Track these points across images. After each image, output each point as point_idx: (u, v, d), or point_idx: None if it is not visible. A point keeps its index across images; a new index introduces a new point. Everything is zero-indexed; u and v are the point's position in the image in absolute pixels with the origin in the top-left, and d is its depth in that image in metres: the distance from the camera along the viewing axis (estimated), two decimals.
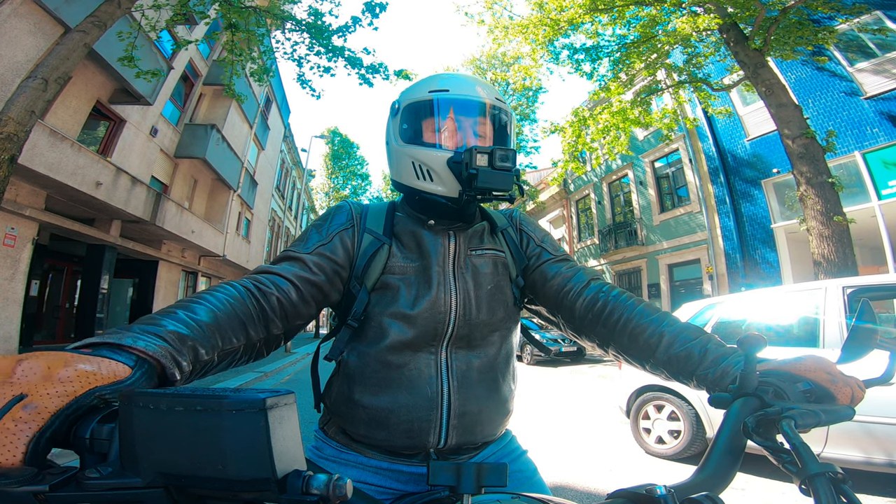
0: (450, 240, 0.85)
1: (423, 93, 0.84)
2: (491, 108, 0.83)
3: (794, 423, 0.49)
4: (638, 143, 14.58)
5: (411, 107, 0.85)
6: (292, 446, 0.31)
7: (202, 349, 0.55)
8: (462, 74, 0.89)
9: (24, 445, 0.33)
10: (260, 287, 0.71)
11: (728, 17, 7.04)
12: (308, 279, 0.76)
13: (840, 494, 0.44)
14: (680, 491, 0.48)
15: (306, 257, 0.78)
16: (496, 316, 0.84)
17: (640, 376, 4.13)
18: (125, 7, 5.66)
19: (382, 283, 0.81)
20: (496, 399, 0.84)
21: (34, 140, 6.70)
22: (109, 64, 8.10)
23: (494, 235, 0.92)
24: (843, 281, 3.24)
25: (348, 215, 0.86)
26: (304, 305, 0.76)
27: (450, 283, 0.82)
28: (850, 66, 9.35)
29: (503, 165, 0.75)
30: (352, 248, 0.83)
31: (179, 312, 0.56)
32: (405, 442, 0.78)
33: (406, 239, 0.85)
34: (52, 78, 4.84)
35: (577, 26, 8.51)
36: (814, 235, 5.90)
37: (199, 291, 0.65)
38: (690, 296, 13.19)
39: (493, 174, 0.75)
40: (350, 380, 0.81)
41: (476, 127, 0.83)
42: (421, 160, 0.81)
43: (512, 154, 0.76)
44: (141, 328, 0.50)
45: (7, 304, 7.41)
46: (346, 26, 7.73)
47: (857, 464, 2.72)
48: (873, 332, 0.64)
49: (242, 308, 0.66)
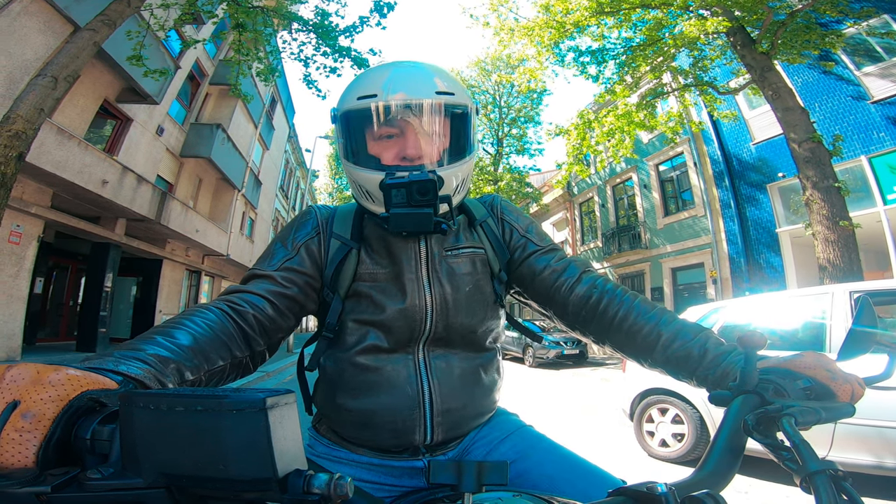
0: (421, 243, 0.80)
1: (352, 100, 0.75)
2: (432, 106, 0.73)
3: (794, 420, 0.49)
4: (642, 146, 14.54)
5: (343, 117, 0.78)
6: (293, 446, 0.31)
7: (186, 371, 0.55)
8: (398, 65, 0.78)
9: (33, 455, 0.33)
10: (234, 307, 0.69)
11: (735, 21, 7.01)
12: (281, 293, 0.74)
13: (840, 492, 0.44)
14: (681, 489, 0.48)
15: (274, 274, 0.76)
16: (476, 317, 0.81)
17: (643, 379, 4.08)
18: (135, 6, 5.71)
19: (354, 291, 0.79)
20: (480, 393, 0.82)
21: (41, 138, 6.75)
22: (117, 63, 8.18)
23: (473, 230, 0.86)
24: (849, 286, 3.22)
25: (314, 223, 0.83)
26: (283, 318, 0.75)
27: (424, 290, 0.78)
28: (858, 70, 9.29)
29: (422, 200, 0.68)
30: (319, 257, 0.80)
31: (158, 338, 0.56)
32: (392, 441, 0.78)
33: (375, 244, 0.81)
34: (62, 76, 4.88)
35: (583, 29, 8.50)
36: (819, 240, 5.86)
37: (174, 317, 0.64)
38: (694, 300, 13.11)
39: (406, 217, 0.69)
40: (331, 384, 0.80)
41: (413, 134, 0.74)
42: (358, 181, 0.77)
43: (431, 184, 0.68)
44: (121, 353, 0.49)
45: (11, 301, 7.46)
46: (353, 26, 7.76)
47: (866, 468, 2.69)
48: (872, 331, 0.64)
49: (221, 329, 0.65)
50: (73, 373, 0.37)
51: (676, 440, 3.74)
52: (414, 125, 0.74)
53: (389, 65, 0.80)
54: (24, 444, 0.33)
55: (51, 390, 0.35)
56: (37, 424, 0.34)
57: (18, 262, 7.59)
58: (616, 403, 4.75)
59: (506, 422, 0.87)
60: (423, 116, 0.73)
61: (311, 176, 25.30)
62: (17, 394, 0.34)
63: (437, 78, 0.76)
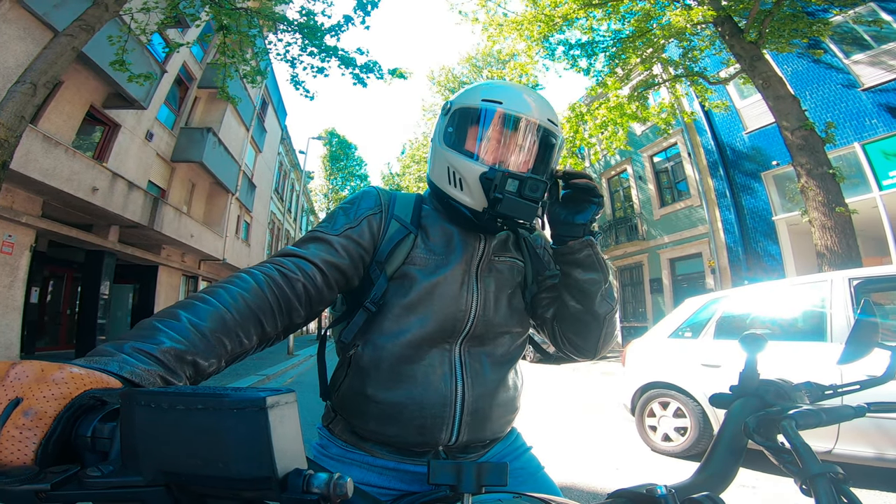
0: (480, 241, 0.86)
1: (475, 100, 0.82)
2: (538, 129, 0.80)
3: (794, 423, 0.49)
4: (636, 137, 14.58)
5: (460, 111, 0.83)
6: (293, 445, 0.31)
7: (204, 361, 0.53)
8: (521, 87, 0.86)
9: (32, 453, 0.33)
10: (285, 273, 0.69)
11: (722, 10, 7.03)
12: (334, 263, 0.75)
13: (841, 495, 0.45)
14: (681, 491, 0.48)
15: (334, 239, 0.77)
16: (511, 319, 0.86)
17: (643, 373, 4.05)
18: (113, 10, 5.62)
19: (402, 273, 0.81)
20: (506, 396, 0.85)
21: (28, 146, 6.68)
22: (102, 68, 8.09)
23: (518, 245, 0.93)
24: (849, 272, 3.19)
25: (376, 200, 0.85)
26: (328, 290, 0.75)
27: (473, 283, 0.83)
28: (847, 59, 9.35)
29: (531, 196, 0.74)
30: (377, 234, 0.82)
31: (183, 317, 0.54)
32: (416, 438, 0.78)
33: (434, 233, 0.85)
34: (41, 82, 4.80)
35: (572, 22, 8.50)
36: (816, 227, 5.89)
37: (214, 284, 0.62)
38: (693, 290, 13.18)
39: (518, 203, 0.74)
40: (363, 373, 0.80)
41: (520, 145, 0.81)
42: (456, 167, 0.81)
43: (543, 185, 0.75)
44: (133, 346, 0.47)
45: (7, 311, 7.40)
46: (339, 25, 7.72)
47: (868, 460, 2.69)
48: (875, 330, 0.64)
49: (259, 302, 0.63)
50: (77, 371, 0.37)
51: (679, 434, 3.71)
52: (519, 139, 0.80)
53: (517, 84, 0.89)
54: (25, 441, 0.33)
55: (53, 388, 0.35)
56: (38, 422, 0.34)
57: (12, 273, 7.53)
58: (617, 398, 4.75)
59: (520, 445, 0.93)
60: (531, 135, 0.80)
61: (306, 177, 25.24)
62: (20, 391, 0.34)
63: (550, 109, 0.84)
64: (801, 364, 2.96)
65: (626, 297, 16.11)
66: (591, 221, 0.82)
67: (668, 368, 3.88)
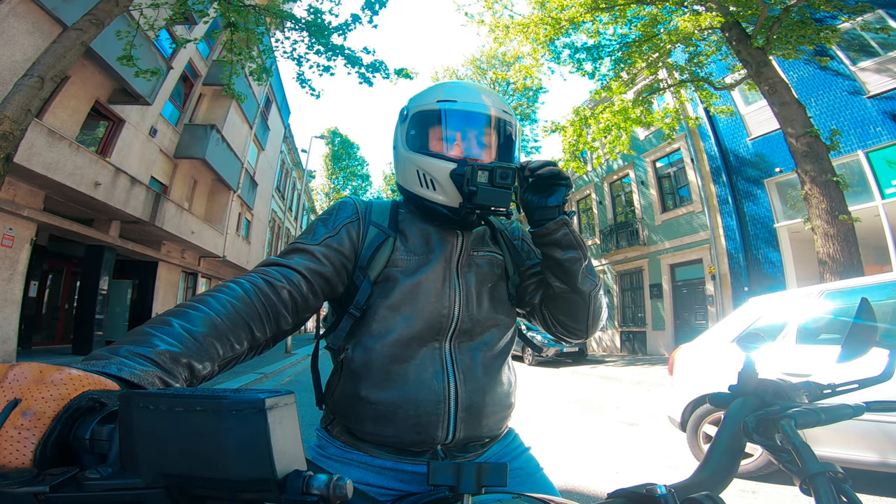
0: (458, 238, 0.88)
1: (431, 102, 0.86)
2: (496, 120, 0.85)
3: (793, 422, 0.50)
4: (639, 142, 14.59)
5: (418, 115, 0.87)
6: (292, 446, 0.31)
7: (199, 364, 0.54)
8: (470, 84, 0.91)
9: (31, 453, 0.33)
10: (270, 281, 0.71)
11: (730, 16, 7.04)
12: (318, 271, 0.78)
13: (840, 494, 0.45)
14: (680, 490, 0.49)
15: (315, 248, 0.80)
16: (496, 312, 0.88)
17: (700, 383, 3.58)
18: (123, 5, 5.65)
19: (385, 276, 0.83)
20: (499, 391, 0.86)
21: (32, 140, 6.69)
22: (108, 63, 8.11)
23: (495, 239, 0.96)
24: None
25: (353, 209, 0.88)
26: (314, 298, 0.77)
27: (454, 279, 0.85)
28: (853, 65, 9.34)
29: (503, 183, 0.77)
30: (357, 240, 0.85)
31: (175, 324, 0.55)
32: (413, 437, 0.78)
33: (412, 234, 0.87)
34: (49, 76, 4.82)
35: (578, 25, 8.52)
36: (819, 234, 5.88)
37: (202, 293, 0.64)
38: (693, 296, 13.18)
39: (491, 192, 0.77)
40: (355, 376, 0.81)
41: (481, 138, 0.85)
42: (425, 169, 0.83)
43: (512, 172, 0.77)
44: (128, 350, 0.48)
45: (5, 305, 7.41)
46: (346, 24, 7.73)
47: (872, 465, 2.64)
48: (873, 330, 0.64)
49: (248, 309, 0.65)
50: (75, 373, 0.38)
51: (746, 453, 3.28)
52: (480, 132, 0.85)
53: (465, 82, 0.94)
54: (23, 442, 0.33)
55: (52, 389, 0.35)
56: (36, 423, 0.34)
57: (12, 266, 7.53)
58: (615, 401, 4.71)
59: (518, 445, 0.94)
60: (492, 125, 0.86)
61: (308, 176, 25.25)
62: (19, 392, 0.34)
63: (502, 100, 0.89)
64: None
65: (625, 302, 16.10)
66: (564, 202, 0.84)
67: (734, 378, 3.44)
